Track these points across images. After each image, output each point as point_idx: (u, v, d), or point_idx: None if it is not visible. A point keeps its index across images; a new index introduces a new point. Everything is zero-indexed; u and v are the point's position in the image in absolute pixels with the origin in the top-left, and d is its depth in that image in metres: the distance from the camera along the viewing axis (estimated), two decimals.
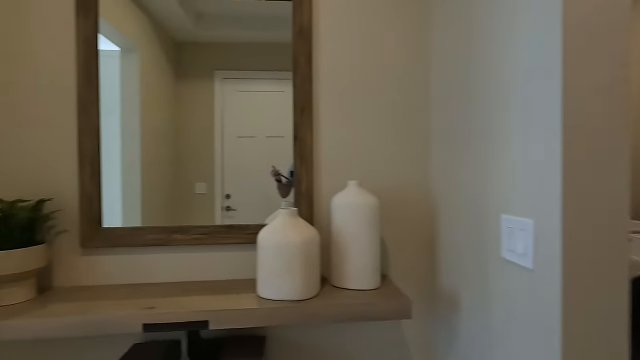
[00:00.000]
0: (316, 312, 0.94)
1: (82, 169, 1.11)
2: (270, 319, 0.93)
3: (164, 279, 1.17)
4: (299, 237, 0.97)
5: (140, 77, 1.16)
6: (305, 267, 0.97)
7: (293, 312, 0.93)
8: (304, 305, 0.94)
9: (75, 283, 1.14)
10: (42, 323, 0.88)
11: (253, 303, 0.95)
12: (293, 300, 0.96)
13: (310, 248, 0.99)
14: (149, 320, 0.91)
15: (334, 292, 1.04)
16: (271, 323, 0.93)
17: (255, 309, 0.92)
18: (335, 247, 1.08)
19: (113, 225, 1.14)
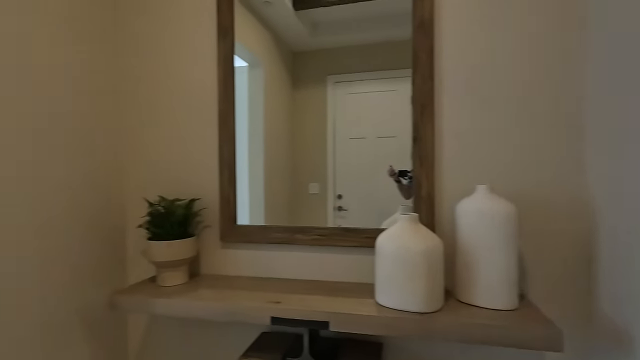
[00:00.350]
0: (442, 329, 0.86)
1: (222, 174, 1.28)
2: (389, 328, 0.89)
3: (287, 275, 1.25)
4: (422, 244, 0.91)
5: (264, 88, 1.27)
6: (428, 278, 0.90)
7: (415, 325, 0.88)
8: (427, 319, 0.88)
9: (216, 272, 1.31)
10: (193, 305, 1.03)
11: (372, 310, 0.93)
12: (414, 312, 0.91)
13: (434, 257, 0.91)
14: (276, 314, 0.97)
15: (461, 308, 0.94)
16: (390, 333, 0.89)
17: (374, 316, 0.90)
18: (462, 258, 0.97)
19: (244, 223, 1.27)
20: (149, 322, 1.39)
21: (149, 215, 1.19)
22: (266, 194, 1.28)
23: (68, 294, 1.15)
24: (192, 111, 1.31)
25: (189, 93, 1.32)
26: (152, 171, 1.36)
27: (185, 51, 1.31)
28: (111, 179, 1.32)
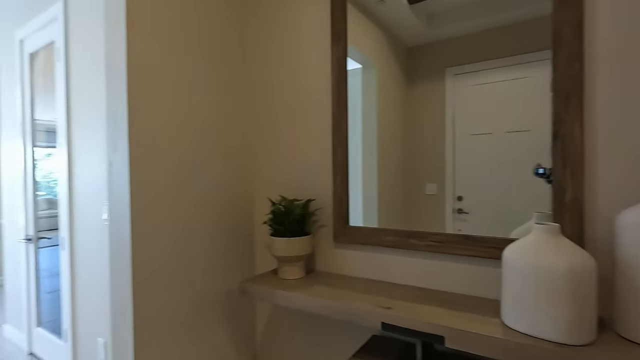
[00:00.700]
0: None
1: (335, 176, 1.32)
2: (519, 356, 0.77)
3: (398, 280, 1.21)
4: (564, 261, 0.75)
5: (377, 88, 1.25)
6: (572, 303, 0.74)
7: (553, 357, 0.73)
8: (570, 353, 0.72)
9: (329, 270, 1.37)
10: (309, 300, 1.09)
11: (497, 331, 0.82)
12: (553, 342, 0.76)
13: (581, 278, 0.75)
14: (387, 319, 0.95)
15: (623, 345, 0.75)
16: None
17: (499, 339, 0.79)
18: (625, 282, 0.77)
19: (357, 225, 1.29)
20: (273, 309, 1.54)
21: (272, 213, 1.31)
22: (379, 195, 1.26)
23: (208, 278, 1.37)
24: (308, 116, 1.39)
25: (306, 99, 1.40)
26: (275, 173, 1.49)
27: (301, 59, 1.40)
28: (243, 181, 1.52)
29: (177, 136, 1.25)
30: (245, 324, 1.54)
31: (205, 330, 1.34)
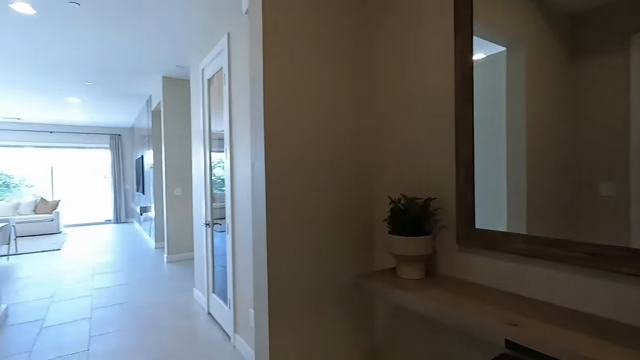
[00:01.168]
0: None
1: (458, 173, 1.22)
2: None
3: (532, 295, 1.03)
4: None
5: (527, 71, 1.06)
6: None
7: None
8: None
9: (451, 274, 1.28)
10: (425, 304, 1.06)
11: None
12: None
13: None
14: (512, 337, 0.84)
15: None
16: None
17: None
18: None
19: (484, 227, 1.16)
20: (393, 308, 1.54)
21: (390, 212, 1.32)
22: (529, 194, 1.08)
23: (330, 269, 1.47)
24: (429, 112, 1.33)
25: (426, 93, 1.34)
26: (396, 171, 1.49)
27: (421, 52, 1.35)
28: (364, 178, 1.57)
29: (306, 140, 1.39)
30: (366, 319, 1.59)
31: (325, 316, 1.46)
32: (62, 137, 8.63)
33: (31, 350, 2.37)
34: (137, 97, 5.87)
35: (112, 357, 2.24)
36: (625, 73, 0.87)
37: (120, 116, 7.69)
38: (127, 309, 3.09)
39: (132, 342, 2.46)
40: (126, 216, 9.40)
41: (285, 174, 1.35)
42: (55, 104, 6.32)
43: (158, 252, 5.44)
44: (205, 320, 2.81)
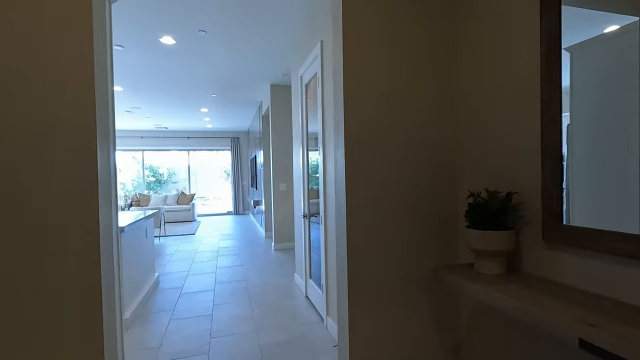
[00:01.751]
0: None
1: (544, 165, 1.15)
2: None
3: (622, 298, 0.92)
4: None
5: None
6: None
7: None
8: None
9: (537, 272, 1.20)
10: (494, 295, 1.05)
11: None
12: None
13: None
14: (586, 337, 0.79)
15: None
16: None
17: None
18: None
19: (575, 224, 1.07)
20: (477, 303, 1.51)
21: (469, 205, 1.31)
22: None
23: (410, 261, 1.52)
24: (513, 99, 1.27)
25: (509, 80, 1.28)
26: (479, 165, 1.45)
27: (504, 35, 1.29)
28: (446, 172, 1.57)
29: (384, 135, 1.48)
30: (449, 311, 1.58)
31: (405, 305, 1.52)
32: (196, 141, 10.36)
33: (173, 309, 3.02)
34: (250, 103, 6.69)
35: (228, 323, 2.71)
36: None
37: (238, 122, 8.84)
38: (241, 286, 3.63)
39: (244, 312, 2.90)
40: (243, 208, 10.74)
41: (364, 169, 1.46)
42: (191, 114, 7.65)
43: (267, 240, 6.13)
44: (303, 302, 3.12)
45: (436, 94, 1.55)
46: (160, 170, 11.73)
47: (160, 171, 11.74)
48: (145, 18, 2.98)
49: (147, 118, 7.95)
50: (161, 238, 6.76)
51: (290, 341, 2.38)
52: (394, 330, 1.51)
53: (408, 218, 1.52)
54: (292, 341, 2.38)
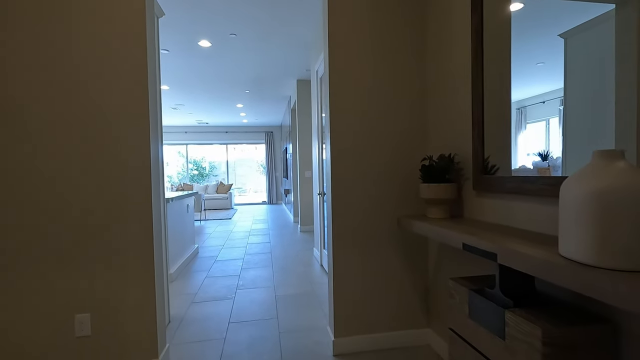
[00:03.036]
0: (615, 292, 0.68)
1: (474, 132, 1.49)
2: (544, 273, 0.83)
3: (519, 225, 1.26)
4: (593, 184, 0.75)
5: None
6: (599, 224, 0.73)
7: (564, 274, 0.77)
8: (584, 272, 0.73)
9: (471, 216, 1.55)
10: (423, 227, 1.42)
11: (539, 253, 0.88)
12: (573, 261, 0.77)
13: (610, 199, 0.72)
14: (466, 241, 1.15)
15: None
16: (545, 278, 0.82)
17: (530, 256, 0.87)
18: None
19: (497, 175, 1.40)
20: (439, 245, 1.86)
21: (422, 166, 1.67)
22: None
23: (389, 213, 1.90)
24: (456, 81, 1.61)
25: (453, 65, 1.62)
26: (435, 136, 1.80)
27: (447, 31, 1.63)
28: (410, 145, 1.92)
29: (363, 117, 1.87)
30: (419, 258, 1.95)
31: (377, 249, 1.90)
32: (233, 135, 11.14)
33: (208, 270, 3.59)
34: (281, 99, 7.22)
35: (252, 280, 3.22)
36: None
37: (271, 116, 9.44)
38: (267, 257, 4.14)
39: (266, 274, 3.40)
40: (277, 199, 11.38)
41: (346, 146, 1.86)
42: (228, 110, 8.35)
43: (295, 224, 6.64)
44: (318, 269, 3.56)
45: (407, 80, 1.91)
46: (203, 164, 12.71)
47: (203, 165, 12.72)
48: (185, 25, 3.56)
49: (190, 114, 8.77)
50: (201, 222, 7.52)
51: (301, 294, 2.84)
52: (367, 268, 1.90)
53: (379, 181, 1.90)
54: (302, 294, 2.84)
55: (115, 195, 1.65)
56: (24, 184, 1.58)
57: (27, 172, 1.58)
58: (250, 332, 2.16)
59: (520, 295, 1.08)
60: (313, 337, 2.08)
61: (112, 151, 1.64)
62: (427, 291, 1.96)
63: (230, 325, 2.27)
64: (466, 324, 1.20)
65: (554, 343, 0.88)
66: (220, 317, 2.42)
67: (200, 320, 2.37)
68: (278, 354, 1.89)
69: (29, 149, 1.58)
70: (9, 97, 1.56)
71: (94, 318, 1.65)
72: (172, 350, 1.98)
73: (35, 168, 1.58)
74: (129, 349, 1.68)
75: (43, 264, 1.60)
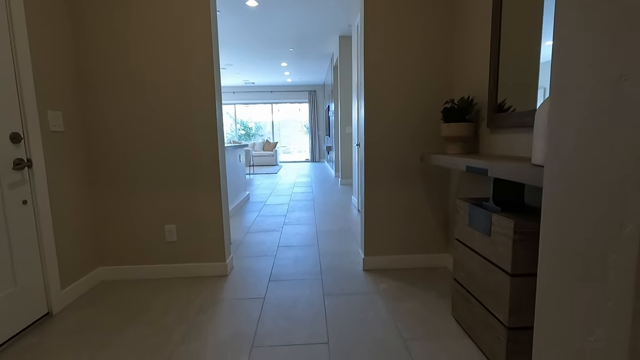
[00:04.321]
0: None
1: (490, 74, 1.68)
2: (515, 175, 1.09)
3: (519, 154, 1.48)
4: None
5: None
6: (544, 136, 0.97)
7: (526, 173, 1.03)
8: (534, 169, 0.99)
9: (484, 151, 1.77)
10: (440, 158, 1.68)
11: (517, 164, 1.14)
12: (536, 165, 1.03)
13: None
14: (469, 164, 1.42)
15: None
16: (515, 179, 1.09)
17: (509, 166, 1.13)
18: None
19: None
20: (460, 175, 2.11)
21: (444, 108, 1.90)
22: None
23: (414, 152, 2.17)
24: (474, 39, 1.77)
25: (474, 19, 1.77)
26: (457, 80, 1.98)
27: None
28: (439, 90, 2.12)
29: (396, 64, 2.09)
30: (440, 192, 2.22)
31: (405, 184, 2.20)
32: (278, 95, 11.51)
33: (259, 211, 4.13)
34: (324, 56, 7.35)
35: (296, 219, 3.69)
36: None
37: (314, 75, 9.60)
38: (309, 203, 4.60)
39: (309, 215, 3.86)
40: (319, 157, 11.80)
41: (382, 106, 2.12)
42: (273, 69, 8.65)
43: (336, 179, 7.03)
44: (355, 213, 3.94)
45: (436, 34, 2.08)
46: (249, 124, 13.36)
47: (249, 125, 13.37)
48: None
49: (238, 74, 9.21)
50: (250, 175, 8.18)
51: (338, 230, 3.25)
52: (393, 199, 2.22)
53: (406, 124, 2.15)
54: (340, 230, 3.25)
55: (194, 138, 2.09)
56: (142, 126, 2.06)
57: (139, 120, 2.05)
58: (295, 253, 2.62)
59: (508, 205, 1.34)
60: (347, 258, 2.48)
61: (194, 101, 2.06)
62: (446, 221, 2.25)
63: (279, 248, 2.75)
64: (466, 231, 1.49)
65: (522, 232, 1.16)
66: (271, 242, 2.91)
67: (255, 243, 2.88)
68: (318, 267, 2.33)
69: (140, 101, 2.04)
70: (131, 71, 2.00)
71: (179, 228, 2.17)
72: (234, 260, 2.50)
73: (146, 117, 2.05)
74: (203, 253, 2.20)
75: (146, 186, 2.12)
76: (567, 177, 0.64)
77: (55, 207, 1.82)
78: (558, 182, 0.67)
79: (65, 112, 1.91)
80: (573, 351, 0.64)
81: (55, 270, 1.79)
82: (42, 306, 1.72)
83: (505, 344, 1.22)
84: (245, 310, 1.77)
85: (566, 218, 0.65)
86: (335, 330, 1.57)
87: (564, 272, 0.65)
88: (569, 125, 0.64)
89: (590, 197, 0.59)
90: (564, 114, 0.65)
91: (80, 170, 2.03)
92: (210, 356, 1.41)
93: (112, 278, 2.19)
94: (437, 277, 2.12)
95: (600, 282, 0.58)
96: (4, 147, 1.53)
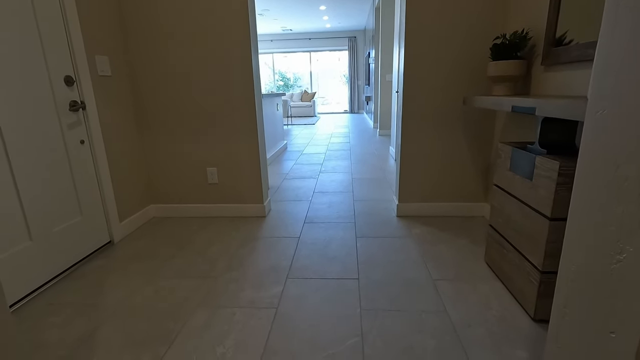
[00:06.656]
0: None
1: (550, 6, 1.48)
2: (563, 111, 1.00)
3: (575, 93, 1.34)
4: None
5: None
6: None
7: (574, 107, 0.94)
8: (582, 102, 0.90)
9: (536, 92, 1.63)
10: (491, 99, 1.57)
11: (567, 100, 1.04)
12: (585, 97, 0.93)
13: None
14: (515, 103, 1.31)
15: None
16: (564, 116, 1.00)
17: (558, 102, 1.03)
18: None
19: None
20: (505, 119, 1.98)
21: (494, 45, 1.73)
22: None
23: (456, 95, 2.04)
24: None
25: None
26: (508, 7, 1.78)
27: None
28: (489, 23, 1.92)
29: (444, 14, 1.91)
30: (482, 139, 2.11)
31: (445, 129, 2.10)
32: (316, 42, 11.08)
33: (296, 159, 4.20)
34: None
35: (332, 167, 3.72)
36: None
37: (354, 19, 9.04)
38: (346, 153, 4.59)
39: (345, 163, 3.87)
40: (358, 108, 11.50)
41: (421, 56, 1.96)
42: (311, 14, 8.24)
43: (374, 130, 6.88)
44: (392, 162, 3.89)
45: None
46: (287, 75, 13.14)
47: (287, 76, 13.16)
48: None
49: (275, 20, 8.91)
50: (288, 126, 8.22)
51: (373, 179, 3.25)
52: (432, 144, 2.14)
53: (449, 65, 2.00)
54: (374, 179, 3.24)
55: (231, 82, 2.11)
56: (181, 75, 2.12)
57: (178, 70, 2.10)
58: (330, 199, 2.69)
59: (556, 147, 1.25)
60: (381, 205, 2.50)
61: (230, 47, 2.05)
62: (487, 169, 2.16)
63: (314, 194, 2.83)
64: (506, 176, 1.43)
65: (567, 173, 1.08)
66: (306, 188, 2.99)
67: (292, 189, 2.98)
68: (352, 212, 2.38)
69: (180, 52, 2.07)
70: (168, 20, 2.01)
71: (219, 171, 2.28)
72: (272, 203, 2.61)
73: (185, 64, 2.10)
74: (243, 195, 2.32)
75: (188, 131, 2.22)
76: (615, 93, 0.58)
77: (109, 148, 1.98)
78: (606, 98, 0.61)
79: (112, 58, 1.99)
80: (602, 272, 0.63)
81: (113, 204, 1.99)
82: (105, 235, 1.95)
83: (537, 287, 1.21)
84: (282, 247, 1.88)
85: (607, 135, 0.60)
86: (366, 268, 1.64)
87: (599, 188, 0.62)
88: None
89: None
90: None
91: (128, 116, 2.15)
92: (251, 282, 1.55)
93: (162, 215, 2.40)
94: (474, 225, 2.09)
95: (635, 202, 0.54)
96: (60, 89, 1.64)
